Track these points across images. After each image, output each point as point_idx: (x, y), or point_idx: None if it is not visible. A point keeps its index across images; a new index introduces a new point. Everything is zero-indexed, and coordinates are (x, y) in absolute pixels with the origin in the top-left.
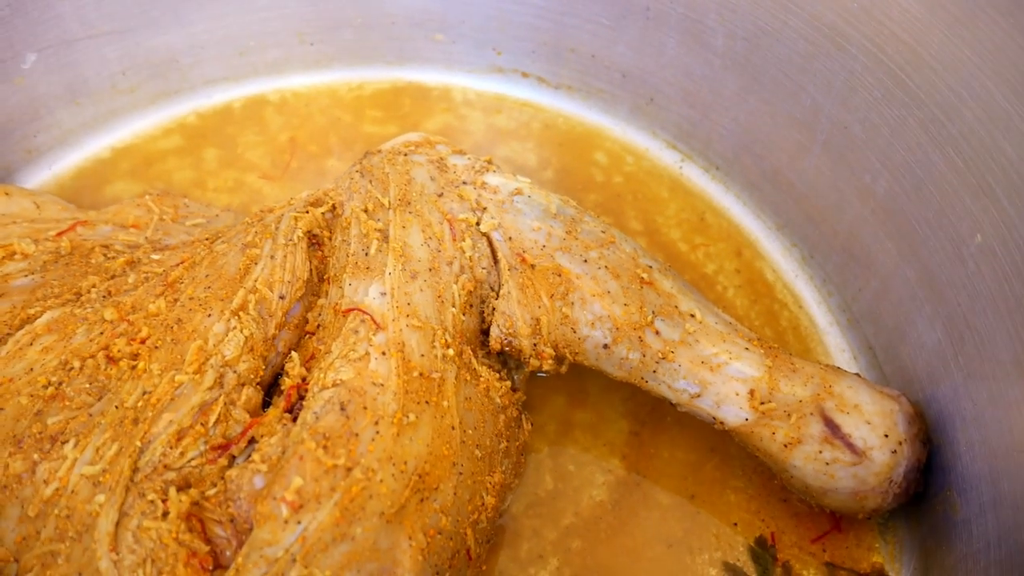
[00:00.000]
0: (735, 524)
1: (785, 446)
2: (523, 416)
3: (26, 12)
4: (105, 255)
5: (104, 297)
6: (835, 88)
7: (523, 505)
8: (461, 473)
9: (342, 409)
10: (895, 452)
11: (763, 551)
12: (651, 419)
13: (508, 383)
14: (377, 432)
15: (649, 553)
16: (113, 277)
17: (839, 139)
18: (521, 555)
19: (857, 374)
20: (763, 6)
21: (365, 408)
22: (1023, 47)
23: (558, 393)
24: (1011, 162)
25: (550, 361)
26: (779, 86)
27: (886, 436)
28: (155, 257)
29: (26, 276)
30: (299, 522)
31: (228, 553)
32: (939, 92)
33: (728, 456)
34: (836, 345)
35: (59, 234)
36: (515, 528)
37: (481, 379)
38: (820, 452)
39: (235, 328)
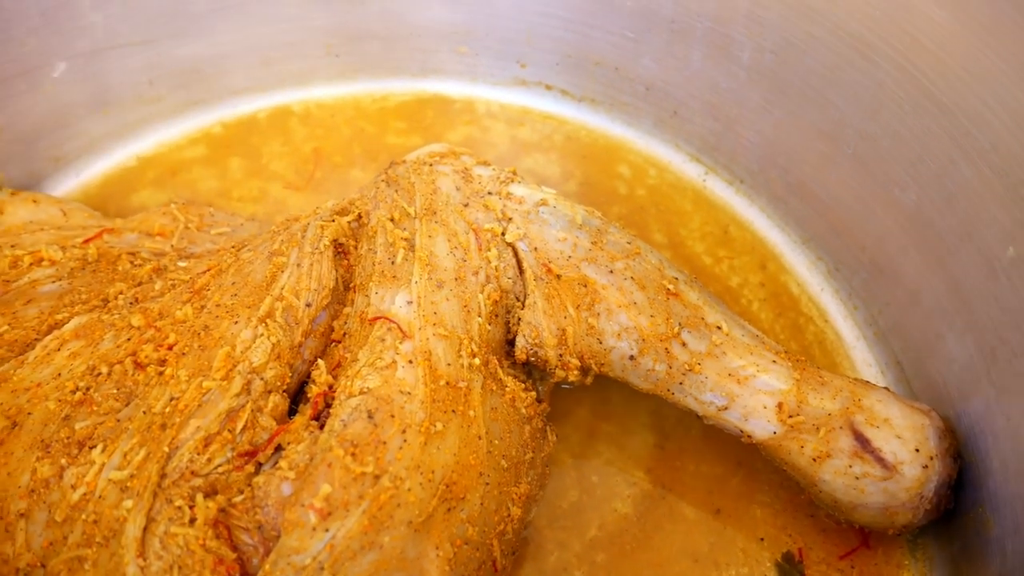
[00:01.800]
0: (762, 539)
1: (814, 460)
2: (548, 427)
3: (57, 22)
4: (132, 262)
5: (131, 303)
6: (862, 100)
7: (548, 517)
8: (488, 483)
9: (370, 417)
10: (926, 467)
11: (791, 567)
12: (676, 432)
13: (533, 394)
14: (405, 440)
15: (675, 567)
16: (140, 284)
17: (866, 151)
18: (547, 568)
19: (886, 388)
20: (790, 18)
21: (392, 416)
22: None
23: (582, 405)
24: None
25: (575, 372)
26: (805, 98)
27: (917, 451)
28: (182, 264)
29: (54, 282)
30: (327, 530)
31: (255, 561)
32: (967, 102)
33: (754, 470)
34: (863, 359)
35: (86, 241)
36: (539, 540)
37: (507, 389)
38: (850, 466)
39: (262, 335)
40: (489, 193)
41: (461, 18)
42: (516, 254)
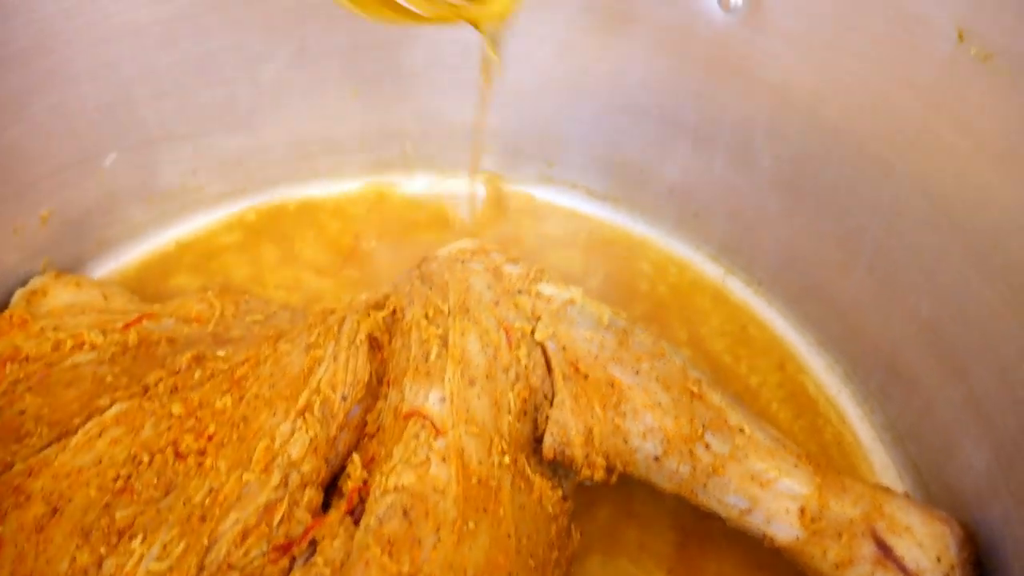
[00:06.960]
0: None
1: (836, 566)
2: (572, 525)
3: (114, 115)
4: (171, 348)
5: (171, 392)
6: (879, 212)
7: None
8: None
9: (405, 514)
10: None
11: None
12: (698, 532)
13: (560, 491)
14: (439, 539)
15: None
16: (179, 372)
17: (882, 261)
18: None
19: (906, 494)
20: (810, 135)
21: (427, 514)
22: None
23: (604, 502)
24: None
25: (601, 471)
26: (824, 208)
27: (938, 560)
28: (220, 353)
29: (94, 367)
30: None
31: None
32: (982, 222)
33: (776, 573)
34: (881, 462)
35: (126, 326)
36: None
37: (534, 487)
38: (872, 574)
39: (300, 428)
40: (519, 291)
41: (495, 121)
42: (545, 353)
